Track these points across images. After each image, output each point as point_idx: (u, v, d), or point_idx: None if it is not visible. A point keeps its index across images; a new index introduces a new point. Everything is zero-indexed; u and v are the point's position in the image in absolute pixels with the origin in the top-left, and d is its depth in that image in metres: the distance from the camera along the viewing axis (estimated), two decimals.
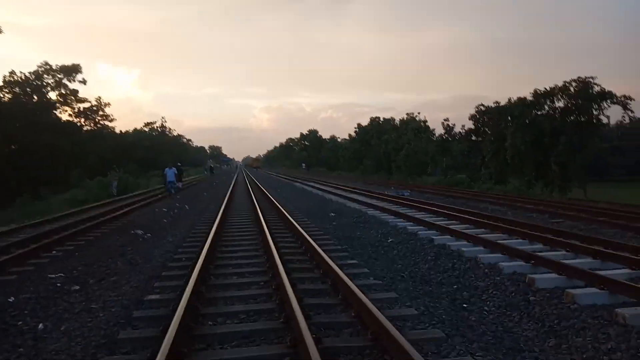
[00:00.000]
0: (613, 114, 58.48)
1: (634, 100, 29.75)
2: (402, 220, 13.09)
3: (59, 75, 40.12)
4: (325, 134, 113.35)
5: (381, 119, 70.95)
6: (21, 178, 32.83)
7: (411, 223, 12.38)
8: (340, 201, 20.10)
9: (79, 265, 8.62)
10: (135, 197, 23.76)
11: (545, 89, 34.22)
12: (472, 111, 37.09)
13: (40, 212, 18.78)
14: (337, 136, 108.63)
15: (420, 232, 10.95)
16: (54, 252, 9.73)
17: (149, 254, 9.49)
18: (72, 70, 40.52)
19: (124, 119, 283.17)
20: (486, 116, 35.91)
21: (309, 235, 9.67)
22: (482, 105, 34.82)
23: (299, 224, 11.51)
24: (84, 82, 41.91)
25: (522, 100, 33.09)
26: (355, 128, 77.67)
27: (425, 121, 52.96)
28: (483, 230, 10.90)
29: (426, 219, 12.56)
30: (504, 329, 5.18)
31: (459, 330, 4.89)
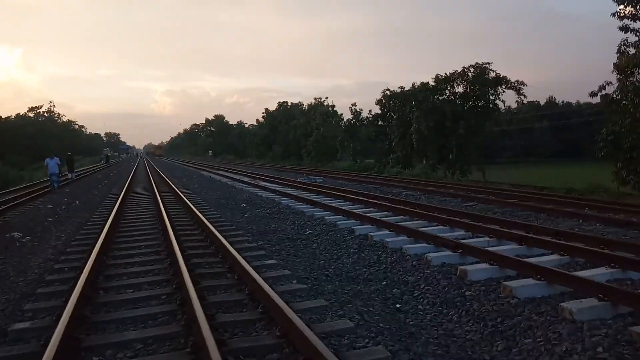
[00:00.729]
0: (507, 99, 62.74)
1: (526, 85, 31.66)
2: (318, 209, 12.42)
3: None
4: (232, 120, 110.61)
5: (289, 104, 70.14)
6: None
7: (328, 212, 11.75)
8: (251, 190, 19.06)
9: None
10: (17, 192, 20.79)
11: (446, 74, 35.55)
12: (377, 96, 37.64)
13: None
14: (245, 122, 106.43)
15: (339, 222, 10.34)
16: None
17: (25, 264, 7.89)
18: None
19: (8, 104, 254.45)
20: (392, 101, 36.51)
21: (219, 232, 8.64)
22: (388, 90, 35.31)
23: (207, 219, 10.39)
24: None
25: (425, 85, 33.99)
26: (263, 113, 76.10)
27: (333, 106, 53.07)
28: (403, 217, 10.55)
29: (343, 207, 11.99)
30: (445, 334, 4.64)
31: (402, 343, 4.25)
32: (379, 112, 39.22)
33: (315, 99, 58.35)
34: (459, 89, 35.50)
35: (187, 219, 11.54)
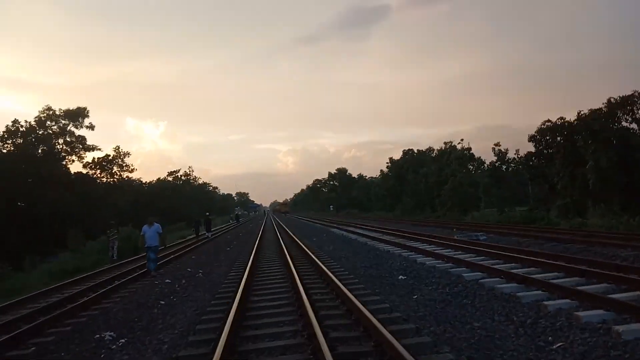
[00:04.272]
0: None
1: None
2: (540, 291, 7.83)
3: (63, 121, 36.56)
4: (352, 173, 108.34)
5: (415, 151, 65.89)
6: (23, 241, 28.73)
7: (567, 300, 7.13)
8: (402, 254, 14.93)
9: None
10: (140, 261, 19.05)
11: (619, 97, 28.95)
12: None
13: (10, 290, 14.20)
14: (364, 174, 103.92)
15: (617, 325, 5.73)
16: None
17: None
18: (77, 115, 36.78)
19: (154, 172, 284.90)
20: (551, 134, 30.49)
21: (403, 345, 4.65)
22: (549, 121, 29.44)
23: (367, 309, 6.64)
24: (91, 127, 37.73)
25: (596, 112, 27.71)
26: (387, 163, 72.64)
27: (469, 148, 47.34)
28: None
29: (582, 288, 7.34)
30: None
31: None
32: (533, 150, 33.27)
33: (445, 143, 53.42)
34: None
35: (338, 308, 7.72)
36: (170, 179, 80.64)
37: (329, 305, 8.05)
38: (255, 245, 20.20)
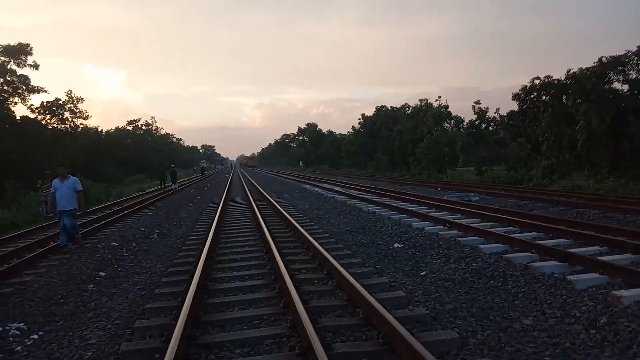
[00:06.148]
0: None
1: None
2: (596, 273, 6.05)
3: (2, 58, 32.17)
4: (321, 129, 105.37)
5: (389, 108, 63.77)
6: None
7: None
8: (391, 216, 13.07)
9: None
10: (91, 215, 16.55)
11: (612, 56, 27.43)
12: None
13: None
14: (333, 131, 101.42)
15: None
16: None
17: None
18: (19, 52, 32.57)
19: (115, 122, 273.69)
20: (537, 93, 28.90)
21: None
22: (538, 78, 27.75)
23: (371, 295, 4.56)
24: (35, 66, 33.68)
25: (590, 71, 26.14)
26: (359, 119, 70.34)
27: (446, 106, 45.38)
28: None
29: None
30: None
31: None
32: (516, 109, 31.74)
33: (420, 100, 51.38)
34: (632, 74, 27.29)
35: (335, 295, 5.74)
36: (129, 128, 76.13)
37: (322, 290, 6.06)
38: (221, 202, 18.01)
